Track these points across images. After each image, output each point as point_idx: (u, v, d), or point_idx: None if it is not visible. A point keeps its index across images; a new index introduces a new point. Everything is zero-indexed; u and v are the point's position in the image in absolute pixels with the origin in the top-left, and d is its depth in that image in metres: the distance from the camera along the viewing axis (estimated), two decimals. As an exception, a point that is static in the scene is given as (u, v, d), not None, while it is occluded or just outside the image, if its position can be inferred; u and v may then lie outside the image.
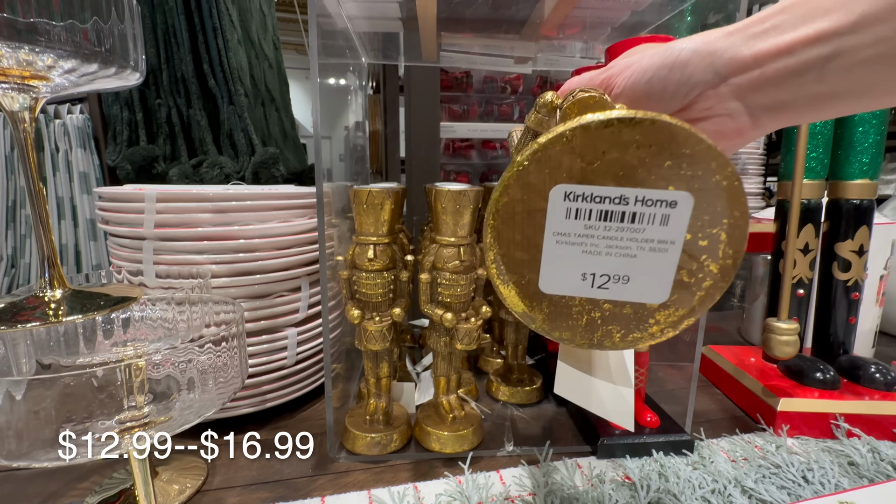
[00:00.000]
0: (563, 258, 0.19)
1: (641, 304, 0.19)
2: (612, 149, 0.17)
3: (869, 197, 0.51)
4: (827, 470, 0.39)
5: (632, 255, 0.18)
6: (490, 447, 0.44)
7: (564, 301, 0.20)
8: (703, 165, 0.17)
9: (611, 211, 0.17)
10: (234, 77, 0.82)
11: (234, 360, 0.28)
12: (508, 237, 0.19)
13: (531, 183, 0.17)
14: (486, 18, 0.52)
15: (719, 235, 0.17)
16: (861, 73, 0.19)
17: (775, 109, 0.21)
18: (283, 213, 0.47)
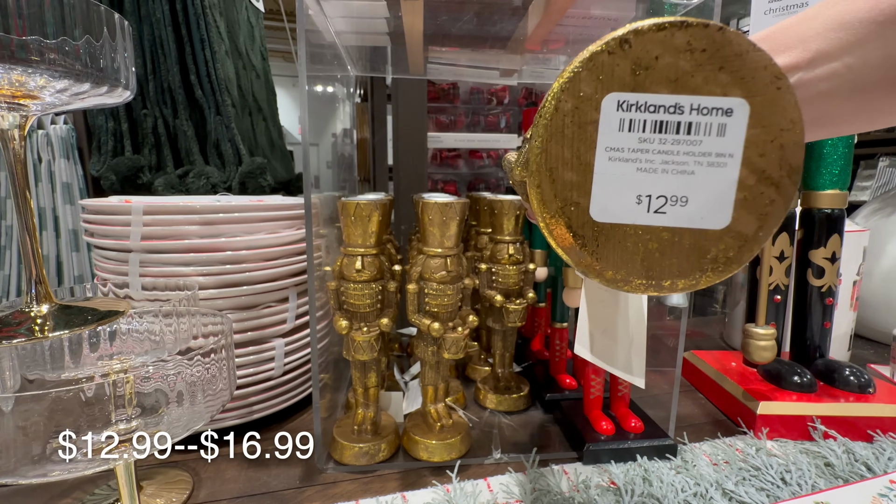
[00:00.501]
0: (617, 177, 0.17)
1: (702, 231, 0.18)
2: (665, 53, 0.16)
3: (840, 206, 0.53)
4: (804, 471, 0.40)
5: (689, 171, 0.17)
6: (478, 455, 0.45)
7: (618, 231, 0.18)
8: (756, 71, 0.16)
9: (666, 121, 0.16)
10: (222, 87, 0.83)
11: (223, 372, 0.28)
12: (557, 154, 0.17)
13: (583, 92, 0.16)
14: (471, 34, 0.53)
15: (777, 146, 0.17)
16: (820, 104, 0.20)
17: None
18: (270, 225, 0.47)
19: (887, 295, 0.75)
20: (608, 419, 0.46)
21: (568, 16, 0.51)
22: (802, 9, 0.42)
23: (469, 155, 1.09)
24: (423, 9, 0.43)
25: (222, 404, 0.29)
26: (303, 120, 0.36)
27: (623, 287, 0.19)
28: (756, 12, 0.47)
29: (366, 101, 1.42)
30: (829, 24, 0.19)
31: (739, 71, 0.16)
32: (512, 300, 0.50)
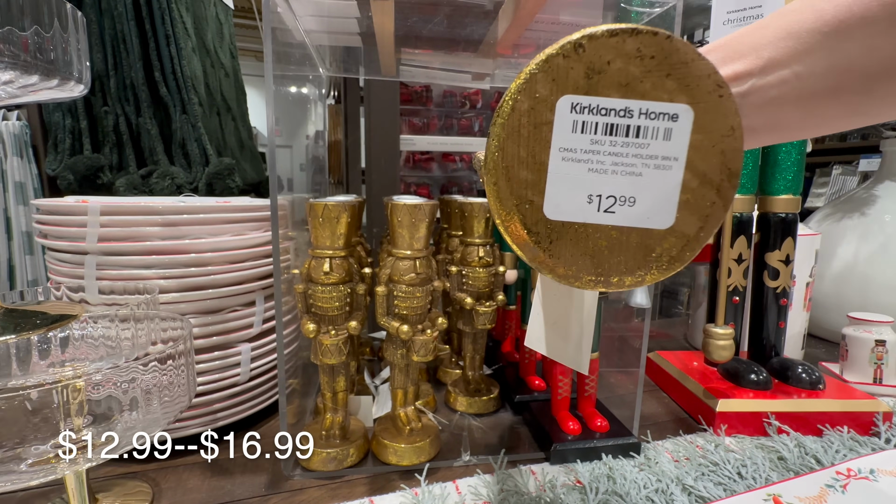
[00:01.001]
0: (569, 177, 0.18)
1: (648, 230, 0.19)
2: (616, 58, 0.17)
3: (793, 211, 0.56)
4: (759, 465, 0.42)
5: (637, 173, 0.18)
6: (447, 458, 0.45)
7: (570, 229, 0.19)
8: (700, 79, 0.17)
9: (616, 124, 0.17)
10: (188, 85, 0.80)
11: (181, 378, 0.28)
12: (513, 153, 0.18)
13: (539, 93, 0.17)
14: (442, 37, 0.54)
15: (718, 151, 0.18)
16: (771, 110, 0.21)
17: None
18: (236, 227, 0.46)
19: (838, 296, 0.80)
20: (575, 419, 0.47)
21: (537, 21, 0.52)
22: (758, 20, 0.44)
23: (442, 158, 1.10)
24: (393, 9, 0.43)
25: (180, 411, 0.28)
26: (269, 120, 0.35)
27: (574, 283, 0.19)
28: (715, 23, 0.49)
29: (339, 103, 1.41)
30: (779, 33, 0.20)
31: (685, 78, 0.17)
32: (482, 303, 0.50)
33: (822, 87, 0.19)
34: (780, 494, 0.36)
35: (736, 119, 0.18)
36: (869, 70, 0.18)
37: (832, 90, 0.19)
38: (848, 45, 0.18)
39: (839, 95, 0.19)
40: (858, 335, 0.62)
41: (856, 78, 0.19)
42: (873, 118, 0.21)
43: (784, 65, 0.20)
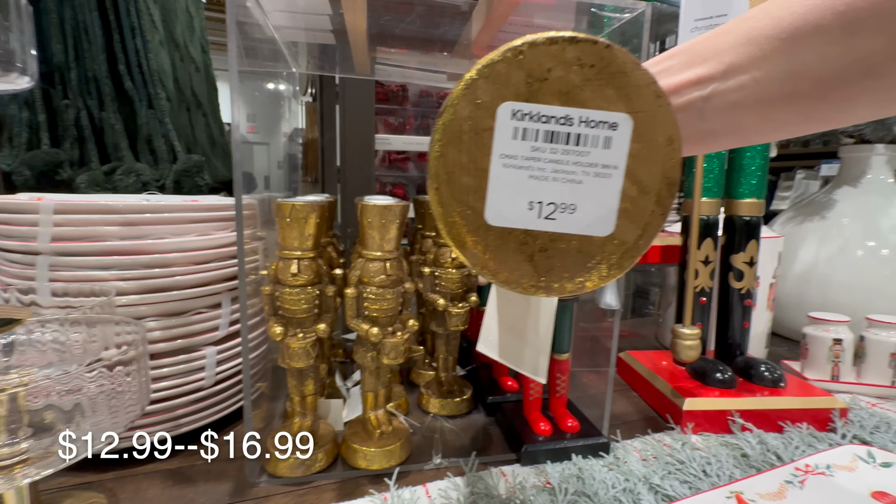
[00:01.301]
0: (510, 183, 0.18)
1: (588, 238, 0.19)
2: (557, 66, 0.17)
3: (757, 214, 0.58)
4: (723, 463, 0.43)
5: (578, 180, 0.18)
6: (419, 461, 0.44)
7: (511, 235, 0.19)
8: (639, 88, 0.17)
9: (556, 132, 0.18)
10: (155, 79, 0.77)
11: (132, 385, 0.26)
12: (454, 159, 0.18)
13: (479, 99, 0.17)
14: (416, 36, 0.53)
15: (657, 161, 0.18)
16: (731, 114, 0.21)
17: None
18: (201, 226, 0.45)
19: (799, 296, 0.83)
20: (546, 420, 0.47)
21: (511, 23, 0.52)
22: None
23: (418, 158, 1.09)
24: (365, 7, 0.42)
25: (131, 420, 0.27)
26: (234, 116, 0.34)
27: (515, 288, 0.19)
28: (683, 30, 0.50)
29: (317, 100, 1.38)
30: (740, 38, 0.20)
31: (625, 88, 0.18)
32: (455, 304, 0.50)
33: (779, 93, 0.20)
34: (742, 492, 0.37)
35: (674, 130, 0.18)
36: (823, 76, 0.19)
37: (788, 95, 0.20)
38: (803, 52, 0.19)
39: (795, 101, 0.20)
40: (817, 334, 0.64)
41: (810, 84, 0.19)
42: (828, 124, 0.21)
43: (744, 70, 0.20)
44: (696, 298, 0.57)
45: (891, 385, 0.61)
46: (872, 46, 0.17)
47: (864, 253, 0.78)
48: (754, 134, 0.23)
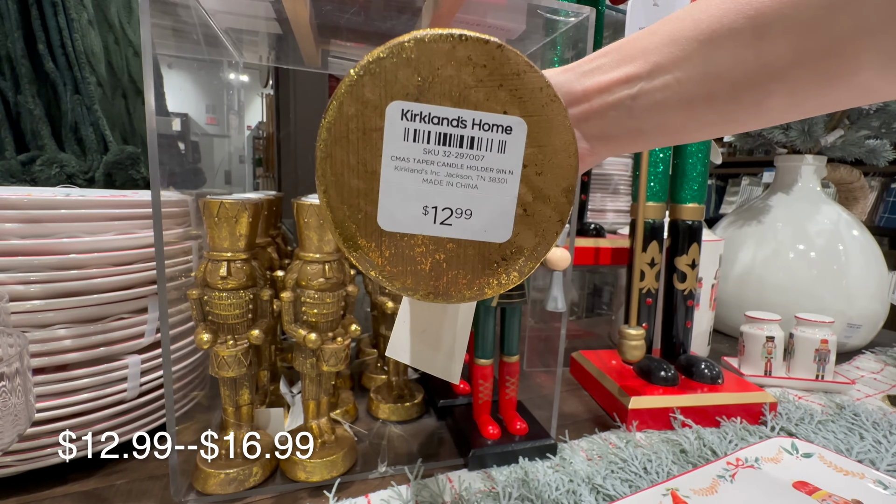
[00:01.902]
0: (403, 187, 0.17)
1: (485, 244, 0.19)
2: (446, 65, 0.16)
3: (698, 218, 0.60)
4: (662, 460, 0.44)
5: (473, 185, 0.18)
6: (363, 470, 0.43)
7: (406, 241, 0.18)
8: (533, 92, 0.17)
9: (449, 134, 0.17)
10: (82, 62, 0.71)
11: (8, 403, 0.23)
12: (342, 160, 0.17)
13: (366, 98, 0.16)
14: (363, 29, 0.51)
15: (553, 166, 0.18)
16: (657, 113, 0.22)
17: (603, 140, 0.24)
18: (122, 224, 0.41)
19: (738, 296, 0.87)
20: (495, 423, 0.47)
21: (461, 21, 0.51)
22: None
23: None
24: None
25: (8, 444, 0.24)
26: (149, 105, 0.31)
27: (413, 295, 0.19)
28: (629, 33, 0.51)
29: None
30: (664, 39, 0.20)
31: (518, 90, 0.17)
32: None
33: (698, 93, 0.20)
34: (678, 488, 0.37)
35: (570, 135, 0.18)
36: (735, 79, 0.19)
37: (706, 97, 0.20)
38: (718, 55, 0.19)
39: (713, 102, 0.20)
40: (752, 332, 0.67)
41: (724, 86, 0.20)
42: (743, 125, 0.22)
43: (667, 70, 0.20)
44: (642, 299, 0.59)
45: (815, 379, 0.65)
46: (778, 51, 0.18)
47: (795, 255, 0.83)
48: (680, 133, 0.23)
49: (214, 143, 2.24)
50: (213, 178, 1.34)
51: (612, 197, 1.06)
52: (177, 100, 1.57)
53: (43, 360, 0.37)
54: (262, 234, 0.48)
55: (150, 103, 0.31)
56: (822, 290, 0.80)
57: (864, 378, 0.71)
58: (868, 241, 0.84)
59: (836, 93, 0.19)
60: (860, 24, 0.16)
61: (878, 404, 0.61)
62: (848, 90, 0.18)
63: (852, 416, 0.55)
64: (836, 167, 1.02)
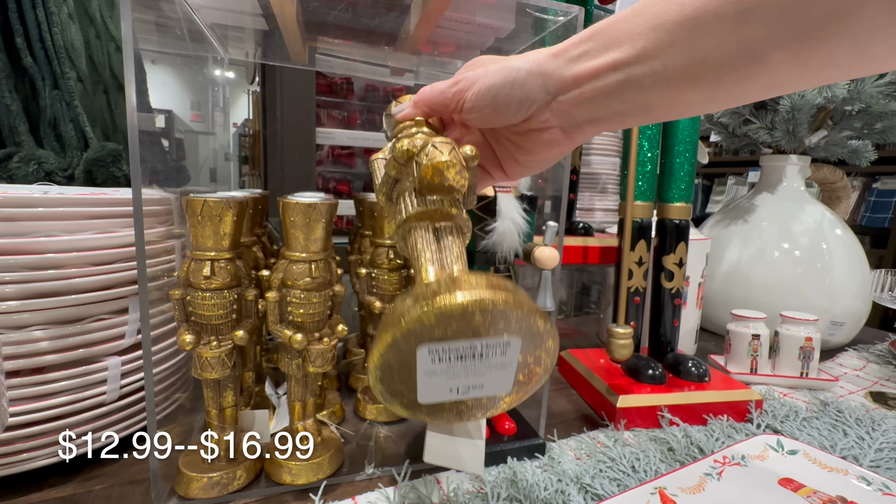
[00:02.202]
0: (434, 384, 0.24)
1: (493, 395, 0.26)
2: (462, 322, 0.21)
3: (685, 217, 0.60)
4: (650, 458, 0.44)
5: (483, 373, 0.24)
6: (351, 472, 0.42)
7: (438, 404, 0.25)
8: (527, 320, 0.22)
9: (464, 354, 0.23)
10: (62, 56, 0.69)
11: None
12: (389, 379, 0.23)
13: (400, 348, 0.22)
14: (351, 26, 0.51)
15: (540, 354, 0.25)
16: (645, 95, 0.22)
17: (593, 122, 0.25)
18: (101, 223, 0.40)
19: (725, 295, 0.88)
20: (486, 426, 0.46)
21: (453, 20, 0.51)
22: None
23: (364, 154, 1.06)
24: (291, -9, 0.39)
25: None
26: (130, 100, 0.30)
27: (444, 424, 0.29)
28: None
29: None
30: (650, 23, 0.21)
31: (516, 322, 0.22)
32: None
33: (684, 77, 0.21)
34: (666, 487, 0.38)
35: (554, 337, 0.24)
36: (719, 63, 0.20)
37: (692, 80, 0.21)
38: (703, 40, 0.19)
39: (697, 85, 0.21)
40: (739, 330, 0.68)
41: (709, 70, 0.20)
42: (725, 104, 0.23)
43: (654, 55, 0.21)
44: (630, 298, 0.59)
45: (799, 376, 0.66)
46: (758, 34, 0.18)
47: (780, 254, 0.84)
48: (663, 113, 0.24)
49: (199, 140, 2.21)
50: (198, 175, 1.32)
51: (600, 196, 1.07)
52: (161, 96, 1.54)
53: (18, 362, 0.36)
54: (248, 232, 0.48)
55: (132, 99, 0.30)
56: (807, 289, 0.81)
57: (847, 375, 0.72)
58: (851, 240, 0.85)
59: (811, 73, 0.19)
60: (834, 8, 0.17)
61: (860, 401, 0.62)
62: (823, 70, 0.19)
63: (836, 412, 0.56)
64: (819, 167, 1.03)
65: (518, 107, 0.25)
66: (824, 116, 0.84)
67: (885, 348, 0.84)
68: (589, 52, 0.23)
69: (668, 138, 0.59)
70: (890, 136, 0.85)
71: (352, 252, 0.59)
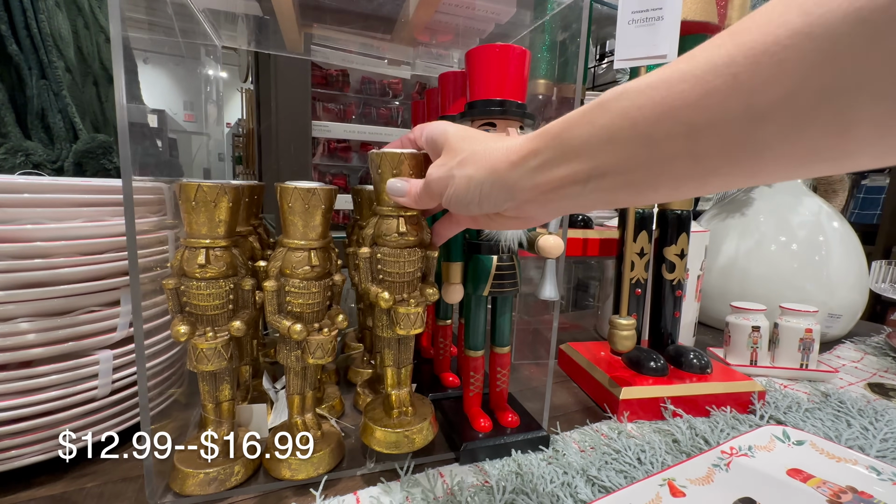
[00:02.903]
0: None
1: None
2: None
3: (687, 208, 0.60)
4: (656, 450, 0.44)
5: None
6: (351, 467, 0.41)
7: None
8: None
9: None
10: (48, 45, 0.67)
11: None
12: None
13: None
14: (350, 10, 0.50)
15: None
16: (609, 197, 0.23)
17: (558, 212, 0.28)
18: (91, 211, 0.38)
19: (722, 287, 0.88)
20: (486, 416, 0.46)
21: (451, 3, 0.50)
22: (659, 21, 0.45)
23: (361, 147, 1.04)
24: (287, -28, 0.38)
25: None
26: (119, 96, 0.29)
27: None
28: (621, 21, 0.50)
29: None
30: (603, 135, 0.21)
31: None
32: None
33: (646, 186, 0.21)
34: (674, 478, 0.37)
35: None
36: (676, 174, 0.20)
37: (652, 186, 0.21)
38: (658, 154, 0.19)
39: (659, 189, 0.21)
40: (738, 322, 0.68)
41: (669, 179, 0.20)
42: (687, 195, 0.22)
43: (613, 169, 0.21)
44: (632, 289, 0.58)
45: (800, 368, 0.66)
46: (709, 151, 0.18)
47: (777, 247, 0.84)
48: (624, 203, 0.24)
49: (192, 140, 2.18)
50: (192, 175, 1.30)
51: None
52: (153, 96, 1.51)
53: (5, 355, 0.35)
54: (244, 222, 0.46)
55: (121, 88, 0.29)
56: (804, 281, 0.81)
57: (845, 367, 0.73)
58: (848, 233, 0.86)
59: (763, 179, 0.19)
60: (769, 136, 0.17)
61: (861, 392, 0.62)
62: (776, 174, 0.19)
63: (838, 403, 0.56)
64: (815, 161, 1.04)
65: (488, 210, 0.28)
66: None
67: (881, 340, 0.84)
68: (547, 163, 0.23)
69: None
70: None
71: (350, 245, 0.58)
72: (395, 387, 0.41)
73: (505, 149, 0.26)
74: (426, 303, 0.39)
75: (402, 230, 0.36)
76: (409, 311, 0.37)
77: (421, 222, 0.37)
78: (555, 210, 0.27)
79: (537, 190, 0.24)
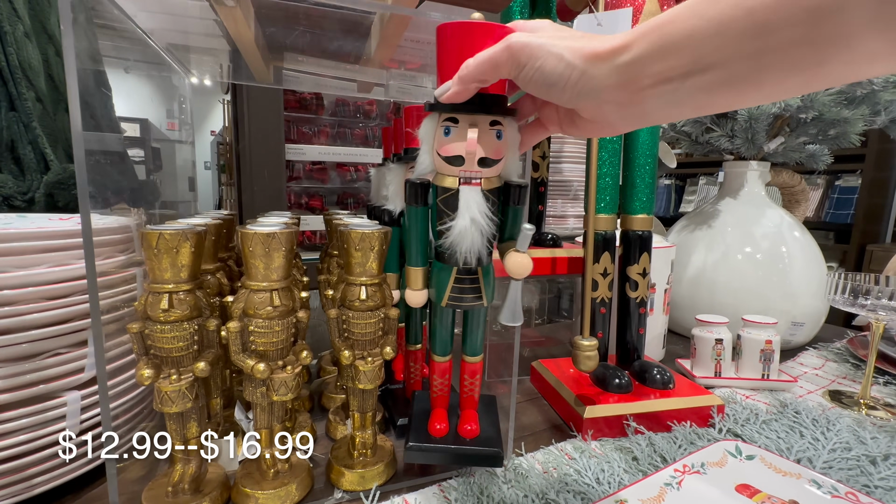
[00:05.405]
0: None
1: None
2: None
3: (648, 228, 0.62)
4: (614, 469, 0.46)
5: None
6: (319, 497, 0.42)
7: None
8: None
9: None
10: (17, 77, 0.67)
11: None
12: None
13: None
14: (315, 48, 0.51)
15: None
16: (702, 97, 0.22)
17: (642, 118, 0.26)
18: (56, 256, 0.39)
19: (692, 298, 0.91)
20: (445, 420, 0.44)
21: (411, 39, 0.51)
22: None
23: (336, 168, 1.06)
24: (246, 19, 0.39)
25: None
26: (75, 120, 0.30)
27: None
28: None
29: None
30: (713, 27, 0.20)
31: None
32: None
33: (748, 83, 0.20)
34: (626, 499, 0.39)
35: None
36: (787, 66, 0.19)
37: (756, 85, 0.20)
38: (772, 49, 0.19)
39: (762, 87, 0.21)
40: (702, 335, 0.70)
41: (776, 73, 0.20)
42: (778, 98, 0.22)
43: (717, 65, 0.20)
44: (596, 308, 0.60)
45: (761, 378, 0.68)
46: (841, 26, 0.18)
47: (743, 258, 0.87)
48: (715, 109, 0.24)
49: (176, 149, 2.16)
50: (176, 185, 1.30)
51: (572, 203, 1.09)
52: (135, 105, 1.51)
53: (-31, 403, 0.35)
54: (211, 259, 0.47)
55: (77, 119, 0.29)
56: (768, 290, 0.84)
57: (806, 375, 0.75)
58: (809, 242, 0.89)
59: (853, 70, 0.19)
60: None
61: (818, 400, 0.65)
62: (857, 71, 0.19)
63: (794, 413, 0.58)
64: (779, 172, 1.07)
65: (570, 99, 0.26)
66: (781, 124, 0.88)
67: (843, 346, 0.88)
68: (640, 59, 0.22)
69: (629, 152, 0.61)
70: (843, 142, 0.89)
71: (321, 272, 0.59)
72: (359, 429, 0.43)
73: (592, 42, 0.24)
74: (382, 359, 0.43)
75: (362, 297, 0.41)
76: (367, 369, 0.41)
77: (383, 288, 0.42)
78: (638, 115, 0.24)
79: (624, 88, 0.23)
